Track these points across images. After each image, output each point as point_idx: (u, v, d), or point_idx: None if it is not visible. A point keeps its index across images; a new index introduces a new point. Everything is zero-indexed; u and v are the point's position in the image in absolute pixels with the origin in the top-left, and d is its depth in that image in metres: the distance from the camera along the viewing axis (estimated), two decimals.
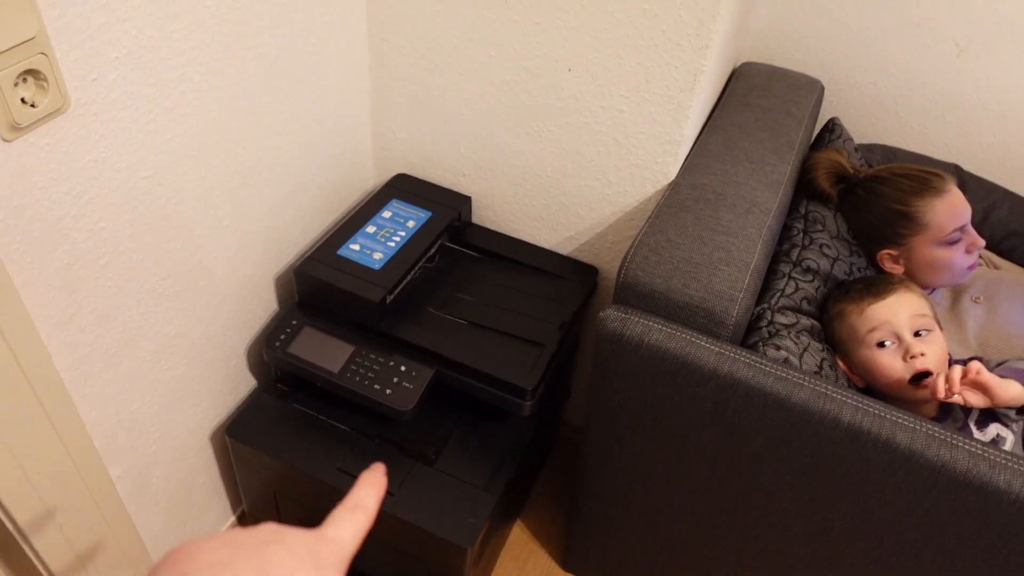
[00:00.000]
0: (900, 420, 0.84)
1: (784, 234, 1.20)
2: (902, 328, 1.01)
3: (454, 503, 1.08)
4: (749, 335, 1.00)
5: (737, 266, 0.97)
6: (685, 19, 1.00)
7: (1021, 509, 0.80)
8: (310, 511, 1.17)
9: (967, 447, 0.82)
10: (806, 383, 0.87)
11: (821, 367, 0.99)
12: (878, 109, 1.48)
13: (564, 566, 1.38)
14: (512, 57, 1.13)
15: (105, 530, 0.98)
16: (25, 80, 0.70)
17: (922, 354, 1.00)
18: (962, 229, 1.15)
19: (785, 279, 1.10)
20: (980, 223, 1.38)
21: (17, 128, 0.70)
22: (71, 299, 0.84)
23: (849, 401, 0.85)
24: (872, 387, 1.05)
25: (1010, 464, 0.80)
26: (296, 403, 1.19)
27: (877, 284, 1.05)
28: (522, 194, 1.29)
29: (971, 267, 1.18)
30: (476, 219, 1.36)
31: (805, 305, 1.08)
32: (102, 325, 0.90)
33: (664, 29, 1.01)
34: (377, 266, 1.14)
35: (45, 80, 0.71)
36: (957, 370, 0.93)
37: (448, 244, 1.31)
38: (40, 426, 0.83)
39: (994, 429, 1.02)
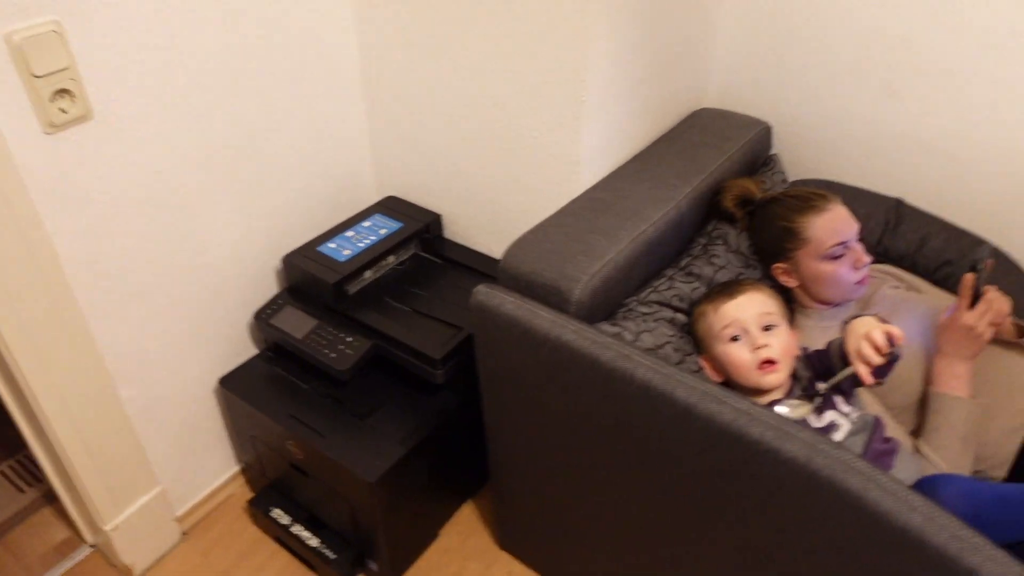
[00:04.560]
0: (682, 379, 0.97)
1: (687, 248, 1.35)
2: (750, 324, 1.13)
3: (371, 449, 1.31)
4: (610, 318, 1.17)
5: (593, 257, 1.15)
6: (562, 99, 1.24)
7: (767, 454, 0.90)
8: (278, 451, 1.44)
9: (733, 403, 0.94)
10: (613, 347, 1.03)
11: (661, 347, 1.13)
12: (827, 147, 1.59)
13: (501, 544, 1.54)
14: (464, 102, 1.40)
15: (110, 431, 1.32)
16: (62, 95, 1.07)
17: (767, 345, 1.11)
18: (844, 245, 1.24)
19: (664, 279, 1.25)
20: (916, 252, 1.44)
21: (54, 125, 1.08)
22: (94, 249, 1.20)
23: (643, 362, 1.00)
24: (729, 381, 1.17)
25: (763, 418, 0.91)
26: (278, 367, 1.48)
27: (730, 286, 1.18)
28: (479, 212, 1.54)
29: (860, 283, 1.26)
30: (449, 235, 1.63)
31: (676, 302, 1.23)
32: (119, 276, 1.25)
33: (551, 94, 1.25)
34: (342, 259, 1.44)
35: (74, 96, 1.08)
36: (876, 333, 1.00)
37: (421, 253, 1.59)
38: (58, 336, 1.18)
39: (830, 416, 1.10)
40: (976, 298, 1.13)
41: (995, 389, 1.17)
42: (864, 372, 1.00)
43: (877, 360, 0.98)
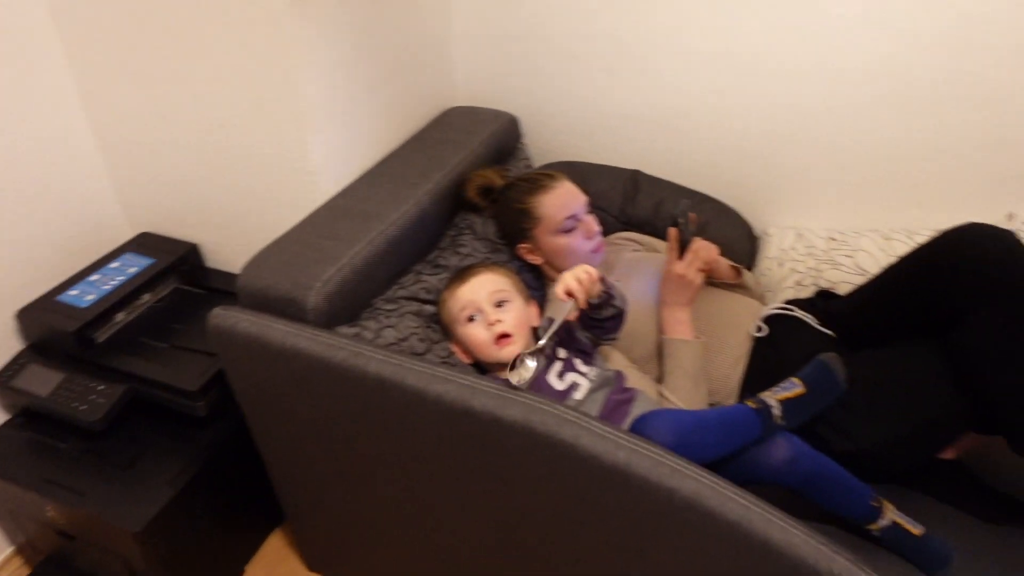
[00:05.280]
0: (411, 367, 1.00)
1: (436, 243, 1.39)
2: (483, 303, 1.18)
3: (134, 498, 1.24)
4: (352, 320, 1.18)
5: (327, 263, 1.15)
6: (282, 112, 1.24)
7: (492, 422, 0.94)
8: (40, 521, 1.33)
9: (458, 380, 0.97)
10: (346, 347, 1.04)
11: (406, 340, 1.16)
12: (569, 131, 1.69)
13: (310, 567, 1.50)
14: (191, 126, 1.36)
15: None
16: None
17: (500, 320, 1.16)
18: (575, 217, 1.32)
19: (411, 274, 1.28)
20: (653, 216, 1.56)
21: None
22: None
23: (376, 356, 1.02)
24: (476, 360, 1.21)
25: (485, 389, 0.96)
26: (30, 431, 1.37)
27: (464, 271, 1.22)
28: (235, 236, 1.50)
29: (596, 251, 1.35)
30: (212, 263, 1.57)
31: (423, 294, 1.26)
32: None
33: (272, 110, 1.25)
34: (84, 305, 1.35)
35: None
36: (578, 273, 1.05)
37: (182, 287, 1.52)
38: None
39: (571, 377, 1.17)
40: (684, 249, 1.24)
41: (718, 327, 1.29)
42: (577, 295, 1.03)
43: (574, 286, 1.03)
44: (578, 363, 1.19)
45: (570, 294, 1.04)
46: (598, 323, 1.15)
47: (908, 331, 1.13)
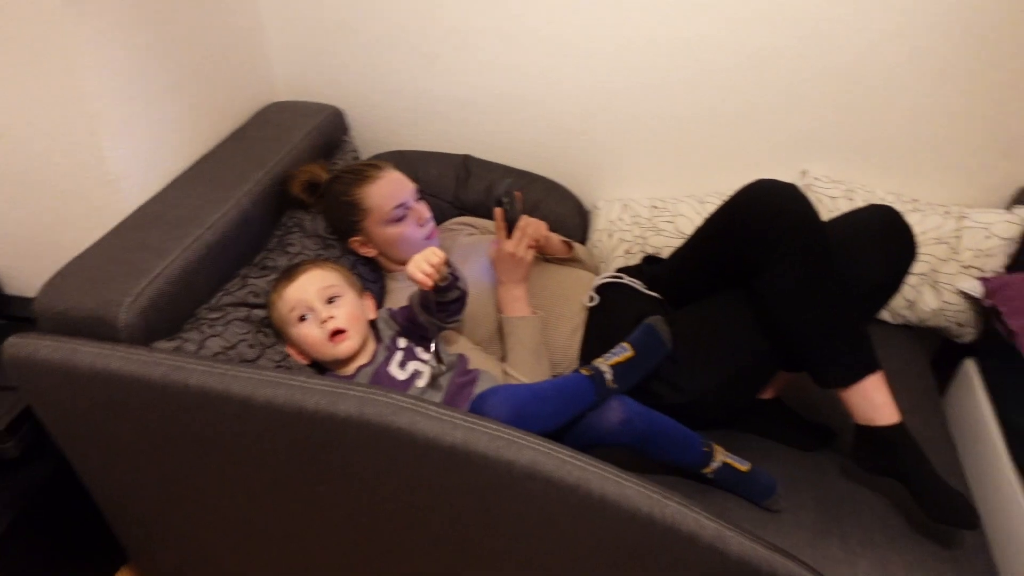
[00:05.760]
0: (236, 374, 0.95)
1: (263, 244, 1.34)
2: (313, 300, 1.14)
3: None
4: (173, 333, 1.11)
5: (138, 276, 1.08)
6: (71, 119, 1.13)
7: (325, 420, 0.92)
8: None
9: (287, 382, 0.94)
10: (164, 362, 0.98)
11: (234, 347, 1.11)
12: (396, 120, 1.68)
13: None
14: None
15: None
16: None
17: (332, 316, 1.14)
18: (404, 206, 1.31)
19: (237, 279, 1.22)
20: (486, 199, 1.58)
21: None
22: None
23: (198, 368, 0.96)
24: (314, 360, 1.18)
25: (316, 387, 0.93)
26: None
27: (290, 270, 1.19)
28: (38, 259, 1.36)
29: (429, 237, 1.35)
30: (15, 290, 1.43)
31: (251, 298, 1.21)
32: None
33: (59, 116, 1.14)
34: None
35: None
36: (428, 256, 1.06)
37: None
38: None
39: (412, 366, 1.16)
40: (512, 227, 1.27)
41: (554, 300, 1.33)
42: (422, 279, 1.05)
43: (427, 268, 1.05)
44: (419, 351, 1.18)
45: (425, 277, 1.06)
46: (444, 306, 1.15)
47: (721, 284, 1.22)
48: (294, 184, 1.36)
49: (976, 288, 1.42)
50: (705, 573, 0.92)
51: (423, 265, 1.06)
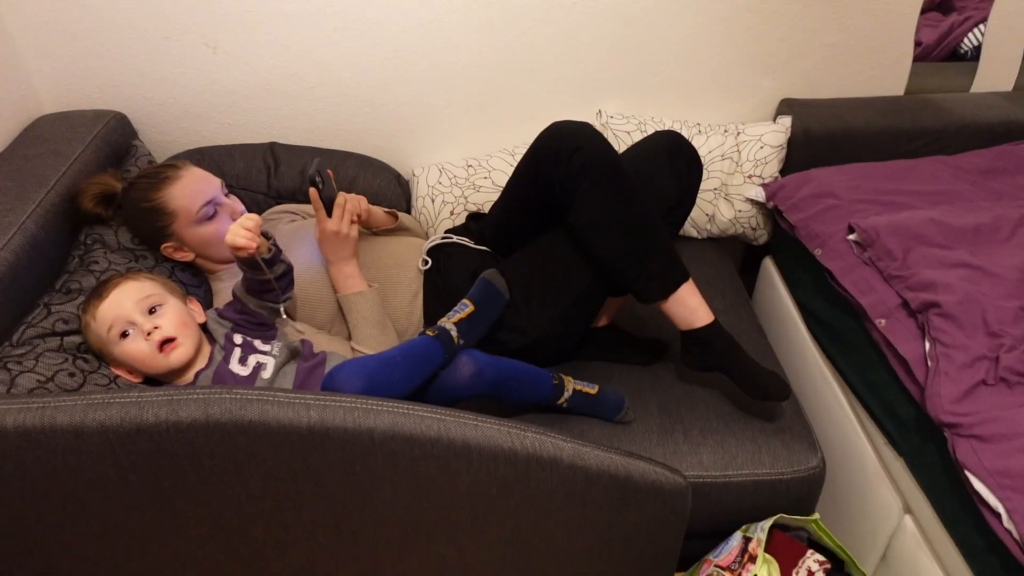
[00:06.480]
0: (59, 404, 0.88)
1: (63, 267, 1.23)
2: (132, 314, 1.08)
3: None
4: None
5: None
6: None
7: (169, 430, 0.88)
8: None
9: (119, 400, 0.89)
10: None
11: (52, 379, 1.02)
12: (188, 117, 1.58)
13: None
14: None
15: None
16: None
17: (157, 327, 1.08)
18: (212, 203, 1.26)
19: (40, 308, 1.12)
20: (301, 184, 1.54)
21: None
22: None
23: (12, 407, 0.88)
24: (147, 376, 1.12)
25: (152, 399, 0.89)
26: None
27: (98, 288, 1.11)
28: None
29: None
30: None
31: (61, 326, 1.11)
32: None
33: None
34: None
35: None
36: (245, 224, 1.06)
37: None
38: None
39: (254, 359, 1.13)
40: (331, 206, 1.25)
41: (388, 271, 1.34)
42: (244, 243, 1.05)
43: (245, 232, 1.04)
44: (258, 343, 1.15)
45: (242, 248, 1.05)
46: (271, 285, 1.13)
47: (541, 226, 1.28)
48: (85, 198, 1.26)
49: (760, 193, 1.60)
50: (571, 490, 1.00)
51: (240, 231, 1.04)
